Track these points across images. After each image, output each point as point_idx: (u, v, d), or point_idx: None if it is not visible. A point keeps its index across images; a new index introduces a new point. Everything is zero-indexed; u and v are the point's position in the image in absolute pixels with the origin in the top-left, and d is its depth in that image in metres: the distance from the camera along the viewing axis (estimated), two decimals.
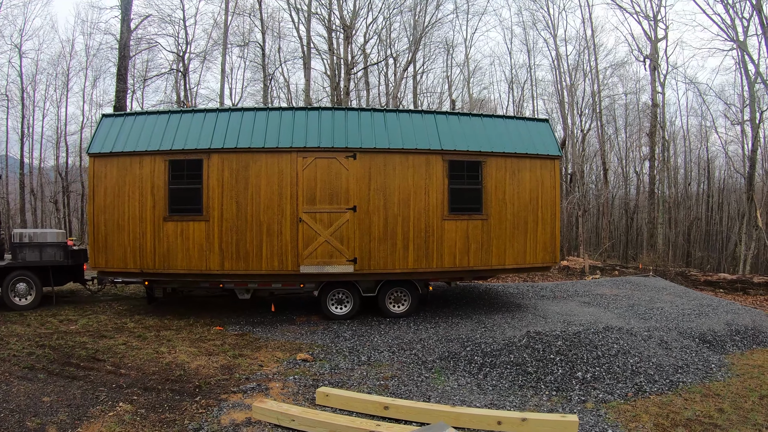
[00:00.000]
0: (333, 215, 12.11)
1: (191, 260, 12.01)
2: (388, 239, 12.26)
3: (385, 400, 7.20)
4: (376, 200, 12.21)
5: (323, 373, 8.91)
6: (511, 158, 12.71)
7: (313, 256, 12.09)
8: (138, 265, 12.07)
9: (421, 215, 12.32)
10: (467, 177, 12.53)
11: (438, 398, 7.88)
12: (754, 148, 32.06)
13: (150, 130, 12.31)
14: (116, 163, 12.09)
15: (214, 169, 11.97)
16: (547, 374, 8.78)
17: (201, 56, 39.64)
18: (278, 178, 12.01)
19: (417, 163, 12.31)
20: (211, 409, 7.14)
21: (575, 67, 40.74)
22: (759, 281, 21.24)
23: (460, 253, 12.47)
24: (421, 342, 10.62)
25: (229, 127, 12.27)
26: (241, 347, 10.37)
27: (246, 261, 12.01)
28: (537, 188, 12.88)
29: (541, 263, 13.04)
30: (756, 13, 29.96)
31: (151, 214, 12.02)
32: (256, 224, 12.01)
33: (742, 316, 12.66)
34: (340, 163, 12.10)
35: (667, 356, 9.56)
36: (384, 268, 12.29)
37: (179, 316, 12.73)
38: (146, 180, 12.03)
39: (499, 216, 12.62)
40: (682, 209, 42.61)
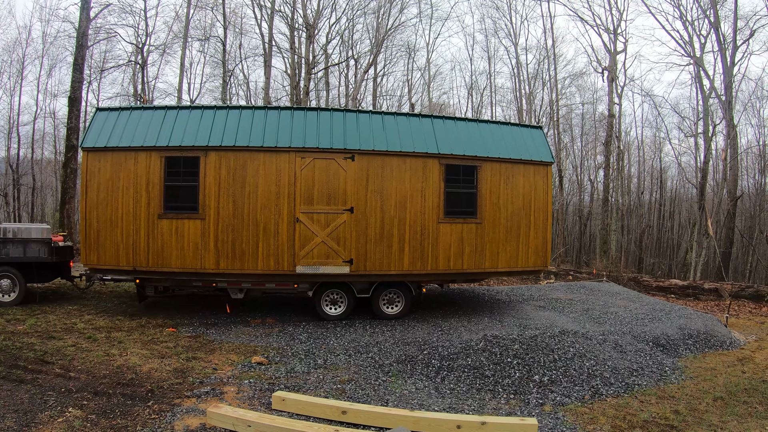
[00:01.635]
0: (330, 216, 12.17)
1: (186, 259, 11.89)
2: (384, 241, 12.38)
3: (343, 405, 7.23)
4: (373, 202, 12.32)
5: (279, 377, 8.88)
6: (506, 164, 12.98)
7: (309, 256, 12.12)
8: (131, 263, 11.88)
9: (417, 218, 12.47)
10: (463, 181, 12.75)
11: (396, 402, 7.96)
12: (706, 159, 33.14)
13: (146, 125, 12.14)
14: (110, 158, 11.91)
15: (212, 167, 11.90)
16: (505, 378, 9.00)
17: (161, 49, 39.01)
18: (276, 177, 12.01)
19: (414, 166, 12.47)
20: (164, 414, 7.00)
21: (534, 76, 41.53)
22: (709, 287, 21.93)
23: (454, 256, 12.67)
24: (378, 345, 10.69)
25: (227, 125, 12.21)
26: (195, 350, 10.26)
27: (242, 260, 11.97)
28: (530, 193, 13.17)
29: (532, 267, 13.34)
30: (713, 30, 31.14)
31: (145, 212, 11.85)
32: (252, 224, 11.97)
33: (695, 321, 13.10)
34: (339, 164, 12.17)
35: (622, 359, 9.91)
36: (380, 270, 12.40)
37: (131, 317, 12.53)
38: (141, 176, 11.86)
39: (493, 220, 12.87)
40: (635, 217, 43.67)
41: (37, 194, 42.78)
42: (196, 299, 14.55)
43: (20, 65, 39.93)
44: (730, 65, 30.41)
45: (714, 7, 30.54)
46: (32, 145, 41.62)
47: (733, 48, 30.37)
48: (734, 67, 30.70)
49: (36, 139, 42.76)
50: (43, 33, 54.38)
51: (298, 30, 34.58)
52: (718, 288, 21.56)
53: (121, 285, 15.91)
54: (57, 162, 40.99)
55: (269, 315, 13.32)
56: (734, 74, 30.79)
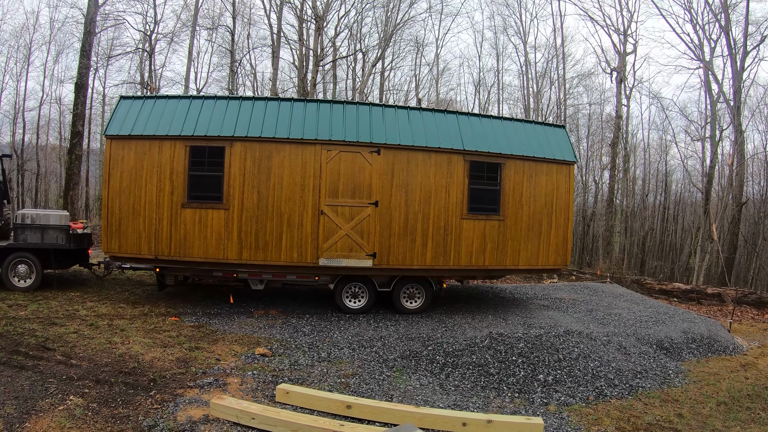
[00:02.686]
0: (355, 209, 12.20)
1: (208, 248, 11.91)
2: (408, 235, 12.40)
3: (348, 399, 7.17)
4: (397, 196, 12.34)
5: (283, 369, 8.84)
6: (529, 162, 13.01)
7: (332, 249, 12.15)
8: (153, 251, 11.89)
9: (440, 213, 12.49)
10: (486, 178, 12.78)
11: (401, 398, 7.94)
12: (713, 164, 33.23)
13: (171, 114, 12.14)
14: (134, 146, 11.90)
15: (237, 157, 11.91)
16: (510, 376, 9.01)
17: (168, 37, 38.98)
18: (301, 169, 12.03)
19: (439, 162, 12.49)
20: (166, 404, 6.94)
21: (543, 75, 41.56)
22: (712, 292, 21.97)
23: (476, 252, 12.70)
24: (382, 340, 10.68)
25: (253, 116, 12.21)
26: (198, 339, 10.23)
27: (265, 251, 11.98)
28: (552, 192, 13.21)
29: (552, 265, 13.38)
30: (724, 35, 31.15)
31: (168, 200, 11.85)
32: (276, 215, 11.99)
33: (698, 325, 13.08)
34: (364, 157, 12.19)
35: (626, 361, 9.92)
36: (402, 264, 12.43)
37: (133, 305, 12.52)
38: (165, 165, 11.85)
39: (515, 217, 12.91)
40: (639, 219, 43.66)
41: (41, 180, 42.78)
42: (200, 289, 14.54)
43: (27, 50, 39.98)
44: (740, 70, 30.45)
45: (725, 11, 30.55)
46: (37, 131, 41.67)
47: (743, 53, 30.38)
48: (744, 72, 30.75)
49: (41, 124, 42.83)
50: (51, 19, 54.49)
51: (306, 21, 34.50)
52: (721, 293, 21.61)
53: (136, 273, 15.89)
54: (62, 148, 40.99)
55: (273, 306, 13.31)
56: (743, 79, 30.83)
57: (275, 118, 12.25)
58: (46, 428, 6.01)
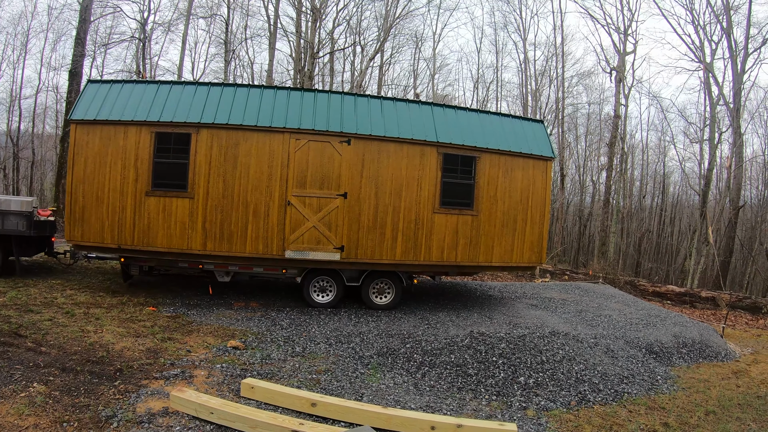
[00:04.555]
0: (323, 200, 11.86)
1: (172, 238, 11.57)
2: (377, 229, 12.06)
3: (314, 397, 6.89)
4: (367, 188, 12.00)
5: (253, 363, 8.60)
6: (505, 156, 12.66)
7: (299, 241, 11.81)
8: (116, 240, 11.54)
9: (412, 206, 12.16)
10: (460, 171, 12.43)
11: (371, 397, 7.64)
12: (711, 167, 32.90)
13: (137, 99, 11.77)
14: (99, 131, 11.53)
15: (203, 145, 11.56)
16: (489, 377, 8.66)
17: (165, 26, 38.70)
18: (269, 158, 11.68)
19: (411, 154, 12.15)
20: (128, 395, 6.77)
21: (542, 73, 41.31)
22: (706, 296, 21.75)
23: (448, 248, 12.36)
24: (361, 335, 10.39)
25: (221, 103, 11.86)
26: (172, 330, 10.00)
27: (230, 242, 11.65)
28: (528, 188, 12.86)
29: (527, 263, 13.04)
30: (725, 37, 30.87)
31: (132, 188, 11.49)
32: (242, 205, 11.65)
33: (690, 329, 12.77)
34: (334, 147, 11.85)
35: (612, 365, 9.57)
36: (371, 258, 12.09)
37: (113, 294, 12.24)
38: (130, 152, 11.49)
39: (489, 213, 12.56)
40: (635, 220, 43.46)
41: (37, 168, 42.58)
42: (181, 279, 14.25)
43: (25, 38, 39.71)
44: (741, 72, 30.11)
45: (727, 13, 30.20)
46: (33, 119, 41.45)
47: (744, 55, 30.08)
48: (744, 75, 30.38)
49: (38, 113, 42.60)
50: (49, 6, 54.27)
51: (305, 13, 34.16)
52: (716, 297, 21.36)
53: (108, 262, 15.57)
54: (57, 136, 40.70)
55: (254, 299, 13.04)
56: (744, 81, 30.46)
57: (244, 105, 11.90)
58: (4, 414, 5.87)
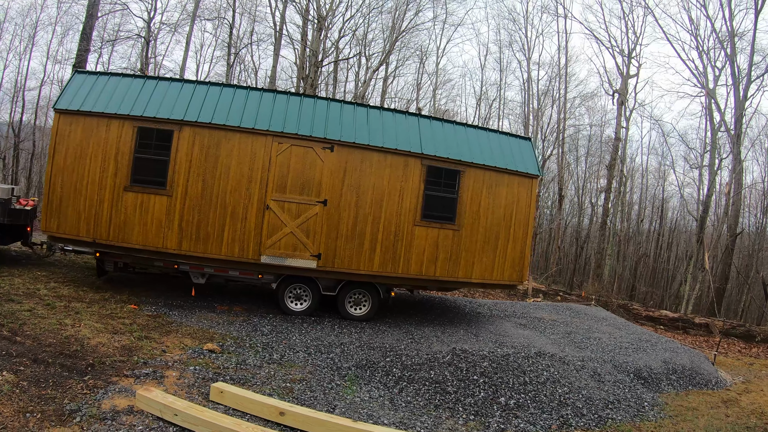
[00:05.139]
0: (302, 206, 11.68)
1: (148, 236, 11.39)
2: (356, 238, 11.89)
3: (283, 405, 6.67)
4: (348, 196, 11.84)
5: (228, 367, 8.44)
6: (490, 171, 12.51)
7: (276, 246, 11.63)
8: (91, 234, 11.35)
9: (392, 218, 11.99)
10: (444, 185, 12.27)
11: (344, 409, 7.42)
12: (710, 193, 32.66)
13: (123, 93, 11.63)
14: (82, 122, 11.39)
15: (185, 143, 11.41)
16: (468, 396, 8.44)
17: (170, 27, 38.62)
18: (250, 160, 11.53)
19: (395, 164, 12.00)
20: (96, 391, 6.66)
21: (545, 92, 41.04)
22: (700, 322, 21.48)
23: (427, 262, 12.18)
24: (342, 346, 10.20)
25: (206, 101, 11.71)
26: (150, 329, 9.87)
27: (205, 243, 11.47)
28: (512, 205, 12.69)
29: (507, 281, 12.83)
30: (729, 63, 30.62)
31: (111, 182, 11.33)
32: (220, 206, 11.48)
33: (681, 356, 12.52)
34: (317, 153, 11.69)
35: (598, 389, 9.33)
36: (348, 268, 11.91)
37: (96, 289, 12.08)
38: (111, 145, 11.33)
39: (471, 228, 12.39)
40: (632, 244, 43.17)
41: (37, 160, 42.42)
42: (166, 279, 14.03)
43: (33, 30, 39.67)
44: (743, 99, 29.90)
45: (731, 40, 30.03)
46: (36, 111, 41.29)
47: (747, 81, 29.88)
48: (746, 101, 30.18)
49: (41, 105, 42.38)
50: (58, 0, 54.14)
51: (311, 21, 34.08)
52: (709, 324, 21.10)
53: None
54: None
55: (238, 303, 12.87)
56: (745, 108, 30.27)
57: (228, 105, 11.75)
58: None
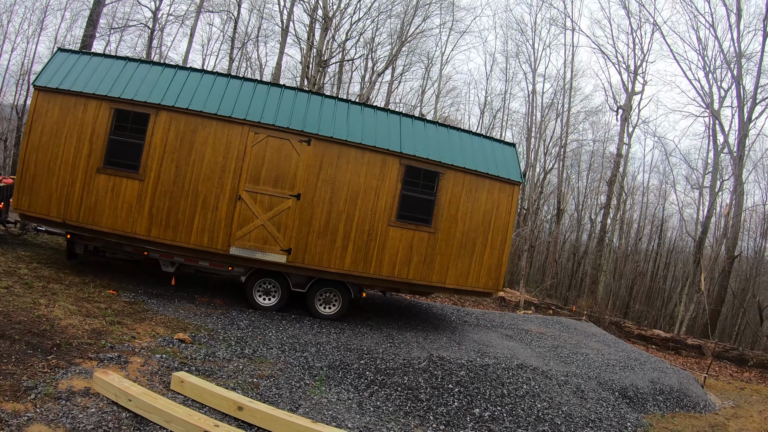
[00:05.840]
0: (275, 199, 11.44)
1: (117, 219, 11.16)
2: (328, 235, 11.63)
3: (241, 400, 6.44)
4: (322, 192, 11.59)
5: (195, 358, 8.23)
6: (471, 175, 12.24)
7: (246, 238, 11.39)
8: (61, 214, 11.14)
9: (366, 216, 11.74)
10: (422, 186, 12.01)
11: (308, 409, 7.17)
12: (709, 214, 32.43)
13: (103, 73, 11.42)
14: (60, 101, 11.18)
15: (161, 127, 11.19)
16: (441, 405, 8.15)
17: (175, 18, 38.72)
18: (225, 149, 11.30)
19: (372, 161, 11.75)
20: (57, 370, 6.56)
21: (549, 105, 40.87)
22: (692, 343, 21.22)
23: (400, 263, 11.91)
24: (318, 346, 9.96)
25: (185, 87, 11.50)
26: (125, 315, 9.69)
27: (175, 231, 11.23)
28: (492, 210, 12.41)
29: (482, 288, 12.55)
30: (735, 84, 30.36)
31: (84, 163, 11.11)
32: (192, 194, 11.24)
33: (670, 376, 12.21)
34: (293, 145, 11.45)
35: (580, 406, 9.02)
36: (318, 265, 11.65)
37: (78, 273, 11.89)
38: (87, 125, 11.13)
39: (447, 232, 12.11)
40: (630, 262, 42.90)
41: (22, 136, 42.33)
42: (150, 267, 13.75)
43: (42, 14, 39.68)
44: (747, 120, 29.61)
45: (738, 61, 29.76)
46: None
47: (752, 103, 29.59)
48: (750, 123, 29.90)
49: None
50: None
51: (318, 20, 33.96)
52: (702, 345, 20.83)
53: None
54: None
55: (220, 296, 12.66)
56: (749, 129, 30.00)
57: (207, 92, 11.53)
58: None
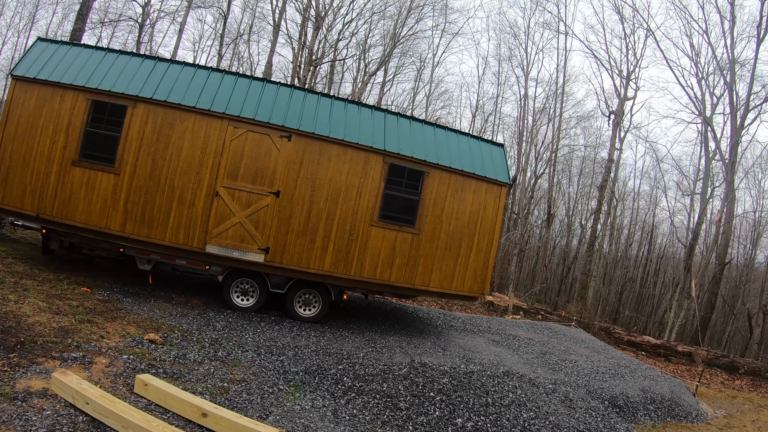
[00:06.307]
0: (253, 196, 11.10)
1: (92, 214, 10.81)
2: (308, 234, 11.30)
3: (206, 406, 6.02)
4: (303, 189, 11.26)
5: (164, 360, 7.86)
6: (457, 175, 11.94)
7: (222, 236, 11.05)
8: (35, 208, 10.81)
9: (348, 215, 11.41)
10: (406, 185, 11.70)
11: (279, 417, 6.77)
12: (700, 221, 32.37)
13: (81, 64, 11.11)
14: (37, 91, 10.87)
15: (138, 120, 10.86)
16: (421, 414, 7.78)
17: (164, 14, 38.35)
18: (203, 143, 10.96)
19: (355, 159, 11.43)
20: (17, 369, 6.28)
21: (541, 110, 40.69)
22: (683, 350, 20.99)
23: (382, 265, 11.58)
24: (296, 349, 9.59)
25: (164, 79, 11.17)
26: (96, 313, 9.33)
27: (150, 227, 10.88)
28: (478, 212, 12.11)
29: (468, 292, 12.23)
30: (728, 91, 30.29)
31: (60, 155, 10.78)
32: (168, 189, 10.90)
33: (661, 384, 11.95)
34: (273, 141, 11.12)
35: (568, 416, 8.70)
36: (297, 265, 11.31)
37: (53, 269, 11.53)
38: (64, 116, 10.80)
39: (432, 233, 11.80)
40: (620, 268, 42.76)
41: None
42: (132, 266, 13.35)
43: (34, 8, 39.48)
44: (739, 127, 29.63)
45: (732, 67, 29.67)
46: None
47: (744, 110, 29.64)
48: (743, 130, 29.89)
49: None
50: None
51: (310, 20, 33.72)
52: (692, 352, 20.61)
53: None
54: None
55: (198, 296, 12.27)
56: (741, 135, 29.93)
57: (187, 85, 11.20)
58: None
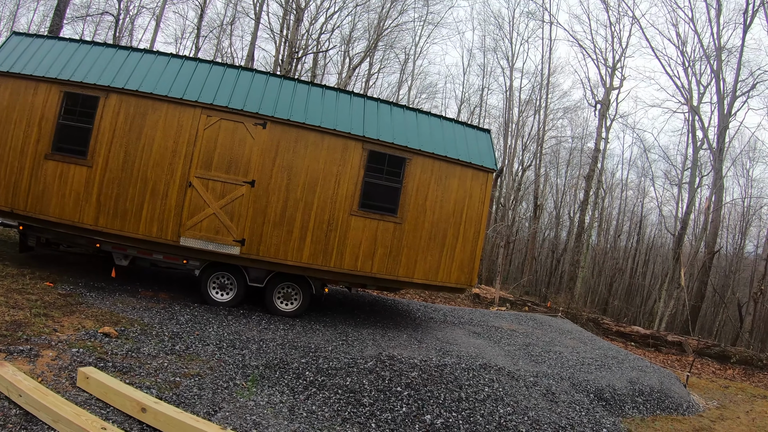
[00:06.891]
0: (227, 186, 10.80)
1: (65, 208, 10.52)
2: (285, 225, 11.00)
3: (146, 401, 5.72)
4: (279, 179, 10.97)
5: (116, 354, 7.50)
6: (441, 161, 11.66)
7: (197, 228, 10.74)
8: (9, 203, 10.54)
9: (326, 205, 11.13)
10: (387, 173, 11.41)
11: (228, 413, 6.34)
12: (689, 210, 32.31)
13: (54, 56, 10.87)
14: (11, 85, 10.62)
15: (110, 111, 10.57)
16: (386, 411, 7.27)
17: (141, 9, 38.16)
18: (176, 133, 10.66)
19: (333, 146, 11.14)
20: None
21: (527, 101, 40.64)
22: (672, 340, 20.79)
23: (363, 256, 11.29)
24: (261, 343, 9.21)
25: (137, 69, 10.89)
26: (55, 307, 9.02)
27: (123, 220, 10.58)
28: (464, 200, 11.83)
29: (454, 283, 11.93)
30: (714, 79, 30.19)
31: (33, 149, 10.52)
32: (141, 180, 10.60)
33: (650, 375, 11.54)
34: (247, 129, 10.83)
35: (549, 411, 8.21)
36: (275, 257, 11.01)
37: (18, 265, 11.28)
38: (37, 109, 10.55)
39: (415, 222, 11.52)
40: (609, 259, 42.74)
41: None
42: (104, 262, 12.99)
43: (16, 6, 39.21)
44: (727, 114, 29.52)
45: (718, 54, 29.59)
46: None
47: (732, 97, 29.54)
48: (730, 117, 29.77)
49: None
50: None
51: (292, 11, 33.38)
52: (682, 342, 20.40)
53: None
54: None
55: (167, 290, 11.93)
56: (729, 122, 29.83)
57: (159, 73, 10.91)
58: None
